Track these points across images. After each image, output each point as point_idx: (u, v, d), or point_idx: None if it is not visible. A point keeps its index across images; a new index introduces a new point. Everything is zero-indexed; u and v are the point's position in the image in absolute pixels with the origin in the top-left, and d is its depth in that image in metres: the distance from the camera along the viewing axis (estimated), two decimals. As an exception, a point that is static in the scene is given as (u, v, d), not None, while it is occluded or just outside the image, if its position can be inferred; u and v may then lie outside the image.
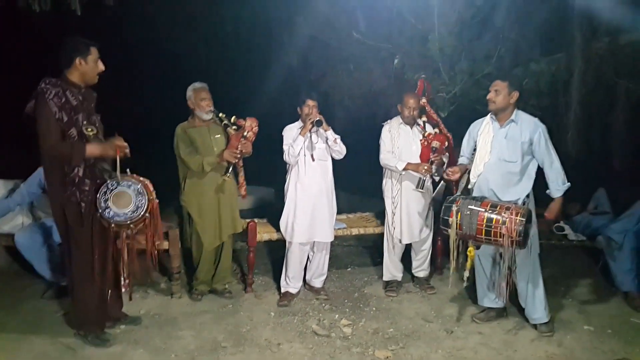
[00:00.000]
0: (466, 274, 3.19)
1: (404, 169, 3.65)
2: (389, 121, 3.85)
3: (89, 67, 2.76)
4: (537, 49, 4.39)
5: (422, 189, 3.64)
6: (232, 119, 3.46)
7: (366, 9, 4.82)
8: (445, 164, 3.66)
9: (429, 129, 3.73)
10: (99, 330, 3.02)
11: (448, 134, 3.76)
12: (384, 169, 3.85)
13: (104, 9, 3.92)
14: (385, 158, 3.74)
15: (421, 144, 3.69)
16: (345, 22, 4.92)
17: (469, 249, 3.08)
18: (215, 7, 5.78)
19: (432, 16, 4.26)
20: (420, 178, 3.62)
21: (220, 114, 3.48)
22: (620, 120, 4.48)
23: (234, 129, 3.48)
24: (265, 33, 5.96)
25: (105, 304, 3.02)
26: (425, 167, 3.57)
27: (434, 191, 3.82)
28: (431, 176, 3.73)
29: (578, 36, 4.15)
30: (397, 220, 3.77)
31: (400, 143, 3.73)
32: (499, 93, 3.15)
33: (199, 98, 3.48)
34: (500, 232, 2.90)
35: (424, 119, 3.77)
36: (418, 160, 3.66)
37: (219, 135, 3.57)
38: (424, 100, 3.78)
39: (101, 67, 2.82)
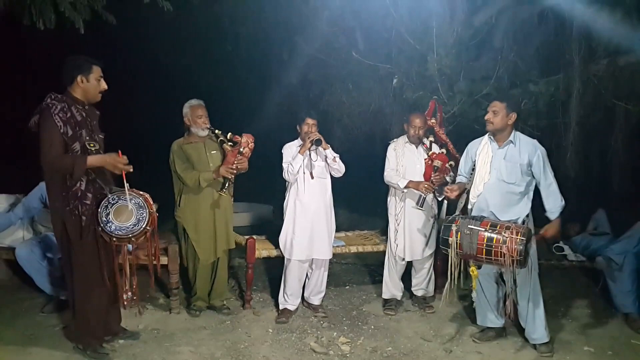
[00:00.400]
0: (474, 294, 3.20)
1: (406, 187, 3.68)
2: (395, 140, 3.91)
3: (90, 85, 2.81)
4: (535, 70, 4.43)
5: (422, 207, 3.66)
6: (228, 135, 3.50)
7: (365, 29, 4.90)
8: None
9: (435, 148, 3.76)
10: (98, 344, 3.01)
11: (457, 155, 3.77)
12: (389, 187, 3.87)
13: (105, 27, 4.00)
14: (388, 175, 3.78)
15: (425, 162, 3.73)
16: (345, 41, 5.00)
17: (471, 268, 3.08)
18: (215, 26, 5.87)
19: (430, 37, 4.32)
20: (420, 196, 3.64)
21: (217, 131, 3.53)
22: (619, 142, 4.49)
23: (230, 145, 3.53)
24: (265, 52, 6.04)
25: (104, 318, 3.02)
26: (426, 185, 3.59)
27: (438, 211, 3.83)
28: (434, 196, 3.75)
29: (576, 58, 4.19)
30: (399, 238, 3.79)
31: (405, 161, 3.77)
32: (497, 114, 3.18)
33: (196, 115, 3.53)
34: (501, 252, 2.89)
35: (431, 139, 3.81)
36: (422, 179, 3.69)
37: (215, 152, 3.61)
38: (433, 120, 3.81)
39: (103, 86, 2.86)
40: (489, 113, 3.21)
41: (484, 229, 2.98)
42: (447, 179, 3.69)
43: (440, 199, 3.78)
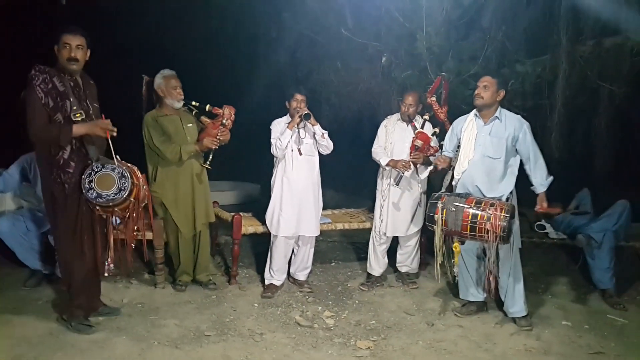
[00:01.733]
0: (455, 269, 3.24)
1: (387, 165, 3.69)
2: (389, 116, 3.92)
3: (60, 54, 2.79)
4: (522, 51, 4.44)
5: (398, 185, 3.70)
6: (207, 107, 3.44)
7: (355, 6, 4.85)
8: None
9: (427, 127, 3.76)
10: (82, 315, 3.01)
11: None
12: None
13: (93, 2, 3.92)
14: (374, 152, 3.82)
15: (412, 141, 3.74)
16: (334, 19, 4.94)
17: (455, 244, 3.13)
18: (202, 2, 5.77)
19: (420, 15, 4.30)
20: (398, 173, 3.66)
21: (194, 102, 3.47)
22: (603, 123, 4.56)
23: (208, 118, 3.50)
24: (252, 29, 5.95)
25: (90, 289, 3.03)
26: (403, 164, 3.61)
27: (425, 188, 3.86)
28: (417, 174, 3.77)
29: (563, 39, 4.21)
30: (384, 214, 3.82)
31: (395, 138, 3.79)
32: (488, 89, 3.19)
33: (170, 86, 3.45)
34: (485, 228, 2.94)
35: (426, 117, 3.80)
36: (408, 157, 3.71)
37: (192, 124, 3.57)
38: (433, 98, 3.78)
39: (67, 54, 2.77)
40: (479, 88, 3.22)
41: (469, 206, 3.02)
42: (431, 158, 3.71)
43: (422, 177, 3.79)
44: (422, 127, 3.75)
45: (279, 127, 3.68)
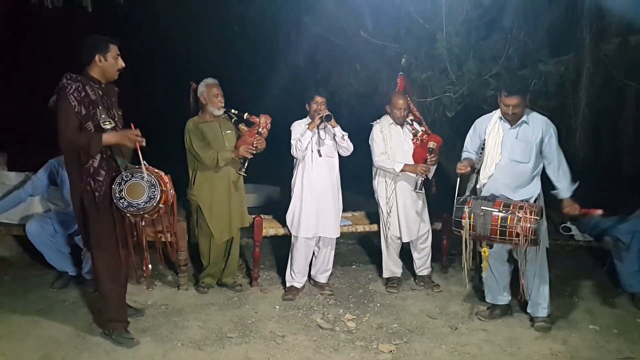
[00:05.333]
0: (484, 274, 3.21)
1: (402, 171, 3.66)
2: (378, 121, 3.85)
3: (108, 63, 2.83)
4: (545, 50, 4.36)
5: (421, 189, 3.67)
6: (245, 115, 3.52)
7: (374, 8, 4.83)
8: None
9: (416, 126, 3.75)
10: (123, 327, 3.00)
11: (428, 131, 3.79)
12: (374, 169, 3.86)
13: (114, 7, 3.99)
14: (380, 160, 3.73)
15: (413, 143, 3.71)
16: (353, 21, 4.92)
17: (484, 249, 3.09)
18: (222, 6, 5.83)
19: (440, 16, 4.26)
20: (417, 178, 3.64)
21: (233, 110, 3.55)
22: (629, 123, 4.46)
23: (245, 126, 3.58)
24: (272, 32, 5.98)
25: (124, 298, 3.03)
26: (424, 168, 3.58)
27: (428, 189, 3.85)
28: (426, 176, 3.73)
29: (587, 37, 4.12)
30: (393, 220, 3.78)
31: (393, 143, 3.74)
32: (519, 106, 3.09)
33: (212, 94, 3.54)
34: (515, 232, 2.90)
35: (411, 117, 3.78)
36: (411, 160, 3.69)
37: (230, 131, 3.63)
38: (407, 98, 3.79)
39: (121, 64, 2.88)
40: (510, 108, 3.09)
41: (497, 210, 2.97)
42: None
43: (430, 176, 3.75)
44: (414, 128, 3.74)
45: (299, 129, 3.69)
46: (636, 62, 4.22)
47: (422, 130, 3.74)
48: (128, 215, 2.81)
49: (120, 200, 2.75)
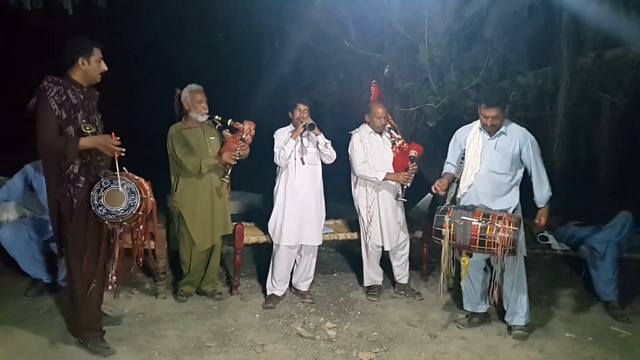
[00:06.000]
0: (463, 282, 3.24)
1: (384, 179, 3.68)
2: (357, 130, 3.86)
3: (91, 67, 2.79)
4: (524, 62, 4.46)
5: (404, 198, 3.70)
6: (229, 121, 3.50)
7: (357, 18, 4.89)
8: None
9: (395, 135, 3.80)
10: (98, 336, 2.94)
11: (402, 138, 3.84)
12: (353, 177, 3.87)
13: (95, 11, 3.95)
14: (362, 169, 3.72)
15: (393, 151, 3.74)
16: (337, 30, 4.97)
17: (463, 258, 3.12)
18: (206, 13, 5.82)
19: (422, 27, 4.33)
20: (400, 187, 3.67)
21: (217, 117, 3.53)
22: (605, 134, 4.56)
23: (229, 132, 3.56)
24: (257, 40, 6.00)
25: (98, 303, 2.96)
26: (406, 176, 3.61)
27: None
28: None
29: (564, 51, 4.22)
30: (375, 229, 3.79)
31: (373, 152, 3.76)
32: (497, 118, 3.14)
33: (196, 100, 3.51)
34: (494, 242, 2.93)
35: (388, 125, 3.83)
36: (391, 168, 3.72)
37: (214, 137, 3.61)
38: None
39: (104, 67, 2.84)
40: (488, 121, 3.14)
41: (477, 220, 3.00)
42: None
43: (408, 185, 3.75)
44: (393, 137, 3.78)
45: (282, 137, 3.69)
46: (611, 76, 4.34)
47: (408, 141, 3.77)
48: (106, 222, 2.76)
49: (99, 208, 2.70)
